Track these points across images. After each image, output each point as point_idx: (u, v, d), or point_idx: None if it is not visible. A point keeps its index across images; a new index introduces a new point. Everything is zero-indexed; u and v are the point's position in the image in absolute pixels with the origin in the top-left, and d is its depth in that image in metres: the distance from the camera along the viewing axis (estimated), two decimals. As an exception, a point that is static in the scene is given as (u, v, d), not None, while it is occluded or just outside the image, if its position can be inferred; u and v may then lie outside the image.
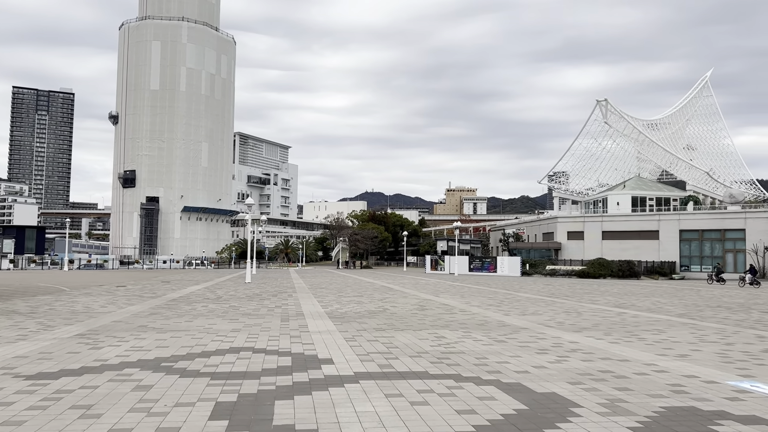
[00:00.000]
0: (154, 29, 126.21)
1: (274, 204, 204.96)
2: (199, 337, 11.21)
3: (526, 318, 16.13)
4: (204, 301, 20.26)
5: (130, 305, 18.06)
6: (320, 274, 54.13)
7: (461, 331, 13.00)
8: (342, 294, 25.09)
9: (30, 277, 40.70)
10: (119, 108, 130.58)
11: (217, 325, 13.18)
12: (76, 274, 49.08)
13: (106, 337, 11.04)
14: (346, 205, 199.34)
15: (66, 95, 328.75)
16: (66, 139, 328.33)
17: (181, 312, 16.10)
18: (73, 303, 18.58)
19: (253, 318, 14.86)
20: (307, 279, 41.94)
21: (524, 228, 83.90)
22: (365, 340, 11.24)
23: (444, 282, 39.97)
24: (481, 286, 34.25)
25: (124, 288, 27.35)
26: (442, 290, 29.33)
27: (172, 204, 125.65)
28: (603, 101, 75.01)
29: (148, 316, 14.85)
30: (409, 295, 25.20)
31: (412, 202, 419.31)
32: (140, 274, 49.71)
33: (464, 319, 15.61)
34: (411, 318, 15.56)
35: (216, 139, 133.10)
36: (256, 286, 31.04)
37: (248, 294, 24.14)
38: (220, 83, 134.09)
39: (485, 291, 29.31)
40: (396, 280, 42.98)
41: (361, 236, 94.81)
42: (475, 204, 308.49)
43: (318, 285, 32.86)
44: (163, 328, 12.62)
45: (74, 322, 13.49)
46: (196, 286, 30.59)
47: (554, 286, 36.27)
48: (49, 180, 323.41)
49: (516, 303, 21.61)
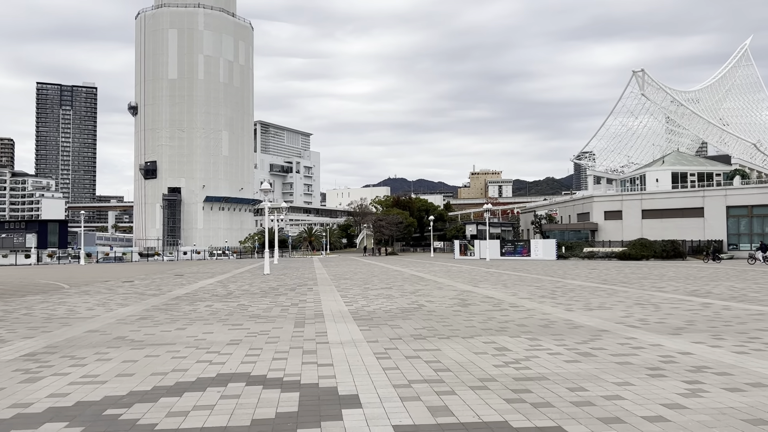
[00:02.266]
0: (171, 17, 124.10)
1: (297, 192, 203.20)
2: (183, 356, 8.45)
3: (596, 314, 13.10)
4: (211, 298, 17.61)
5: (123, 306, 15.46)
6: (344, 263, 51.48)
7: (524, 337, 10.05)
8: (368, 286, 22.28)
9: (40, 272, 38.73)
10: (138, 99, 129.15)
11: (212, 335, 10.42)
12: (91, 268, 47.20)
13: (60, 358, 8.34)
14: (370, 191, 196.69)
15: (89, 89, 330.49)
16: (90, 134, 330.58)
17: (176, 315, 13.42)
18: (60, 305, 16.06)
19: (261, 322, 12.09)
20: (330, 268, 39.26)
21: (557, 209, 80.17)
22: (402, 356, 8.36)
23: (478, 268, 36.93)
24: (521, 273, 31.16)
25: (129, 284, 24.91)
26: (479, 279, 26.33)
27: (194, 194, 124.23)
28: (640, 72, 70.62)
29: (134, 322, 12.19)
30: (444, 285, 22.27)
31: (435, 187, 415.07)
32: (156, 267, 47.62)
33: (520, 318, 12.64)
34: (454, 318, 12.65)
35: (236, 128, 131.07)
36: (274, 278, 28.41)
37: (263, 288, 21.46)
38: (239, 70, 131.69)
39: (528, 278, 26.23)
40: (425, 267, 40.07)
41: (385, 222, 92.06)
42: (501, 187, 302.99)
43: (342, 275, 30.12)
44: (143, 341, 9.90)
45: (39, 333, 10.86)
46: (209, 279, 28.09)
47: (600, 270, 33.00)
48: (75, 174, 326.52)
49: (571, 293, 18.55)
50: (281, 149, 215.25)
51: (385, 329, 10.99)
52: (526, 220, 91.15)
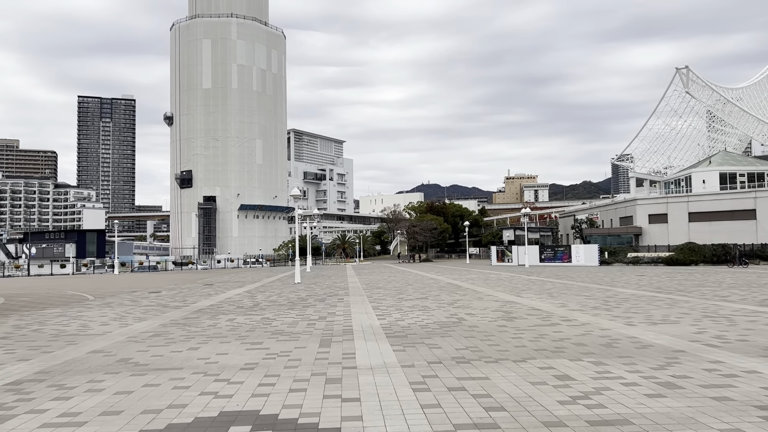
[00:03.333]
0: (204, 27, 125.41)
1: (330, 199, 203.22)
2: (185, 386, 7.23)
3: (662, 330, 11.47)
4: (235, 311, 16.49)
5: (140, 321, 14.44)
6: (378, 270, 50.20)
7: (587, 360, 8.54)
8: (402, 296, 20.91)
9: (72, 282, 38.48)
10: (174, 109, 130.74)
11: (226, 357, 9.20)
12: (123, 277, 46.99)
13: (46, 388, 7.21)
14: (403, 197, 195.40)
15: (128, 102, 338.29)
16: (129, 145, 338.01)
17: (193, 331, 12.29)
18: (74, 320, 15.13)
19: (283, 340, 10.84)
20: (363, 276, 38.01)
21: (598, 213, 77.45)
22: (444, 387, 6.97)
23: (518, 276, 35.19)
24: (565, 280, 29.36)
25: (155, 295, 24.07)
26: (521, 287, 24.69)
27: (229, 203, 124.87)
28: (683, 69, 67.75)
29: (146, 340, 11.08)
30: (483, 295, 20.74)
31: (469, 192, 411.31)
32: (189, 276, 47.14)
33: (576, 334, 11.09)
34: (500, 335, 11.18)
35: (270, 136, 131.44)
36: (304, 287, 27.27)
37: (291, 299, 20.29)
38: (272, 79, 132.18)
39: (574, 287, 24.47)
40: (462, 275, 38.49)
41: (419, 228, 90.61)
42: (537, 191, 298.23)
43: (374, 284, 28.81)
44: (148, 364, 8.73)
45: (38, 354, 9.81)
46: (238, 289, 27.11)
47: (650, 277, 30.94)
48: (115, 185, 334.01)
49: (626, 304, 16.84)
50: (315, 157, 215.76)
51: (422, 349, 9.61)
52: (566, 225, 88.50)
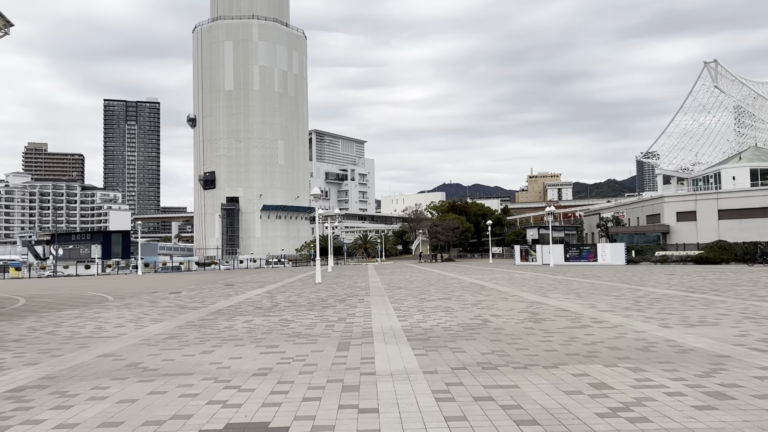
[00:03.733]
0: (226, 29, 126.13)
1: (352, 199, 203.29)
2: (193, 393, 6.80)
3: (701, 332, 10.76)
4: (253, 312, 16.12)
5: (156, 323, 14.12)
6: (399, 270, 49.67)
7: (623, 366, 7.93)
8: (424, 296, 20.36)
9: (94, 283, 38.63)
10: (196, 111, 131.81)
11: (239, 362, 8.77)
12: (146, 278, 47.16)
13: (48, 396, 6.85)
14: (424, 197, 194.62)
15: (152, 105, 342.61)
16: (154, 147, 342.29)
17: (209, 334, 11.91)
18: (91, 321, 14.89)
19: (300, 343, 10.39)
20: (384, 276, 37.52)
21: (624, 211, 75.90)
22: (469, 396, 6.43)
23: (543, 275, 34.38)
24: (592, 280, 28.52)
25: (175, 295, 23.86)
26: (546, 287, 23.97)
27: (252, 203, 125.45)
28: (712, 63, 66.01)
29: (159, 343, 10.72)
30: (509, 296, 20.09)
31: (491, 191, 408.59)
32: (211, 276, 47.13)
33: (609, 337, 10.45)
34: (528, 338, 10.58)
35: (291, 137, 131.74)
36: (325, 287, 26.87)
37: (311, 300, 19.87)
38: (293, 79, 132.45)
39: (602, 287, 23.67)
40: (485, 274, 37.78)
41: (441, 228, 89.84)
42: (560, 189, 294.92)
43: (396, 284, 28.29)
44: (157, 369, 8.34)
45: (47, 358, 9.50)
46: (259, 289, 26.82)
47: (681, 276, 29.92)
48: (140, 187, 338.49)
49: (659, 304, 16.08)
50: (336, 157, 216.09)
51: (446, 354, 9.07)
52: (591, 224, 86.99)
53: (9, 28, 20.48)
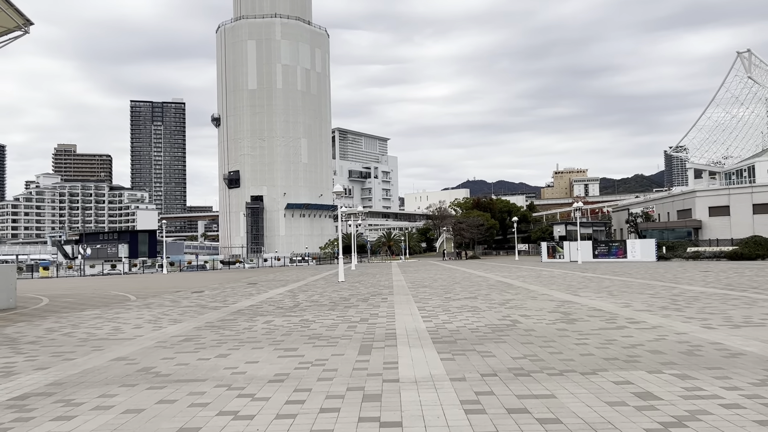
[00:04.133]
0: (249, 28, 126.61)
1: (375, 197, 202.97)
2: (204, 402, 6.36)
3: (749, 334, 10.01)
4: (274, 312, 15.72)
5: (175, 323, 13.79)
6: (424, 268, 49.07)
7: (668, 372, 7.28)
8: (450, 295, 19.76)
9: (119, 282, 38.80)
10: (221, 110, 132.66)
11: (256, 366, 8.32)
12: (171, 277, 47.34)
13: (51, 405, 6.47)
14: (448, 194, 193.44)
15: (178, 105, 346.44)
16: (180, 147, 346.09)
17: (227, 335, 11.50)
18: (109, 322, 14.64)
19: (320, 346, 9.91)
20: (408, 274, 36.98)
21: (653, 206, 74.15)
22: (502, 408, 5.87)
23: (572, 273, 33.50)
24: (623, 277, 27.60)
25: (197, 295, 23.64)
26: (576, 285, 23.17)
27: (276, 202, 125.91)
28: (745, 53, 64.01)
29: (175, 346, 10.34)
30: (537, 294, 19.40)
31: (516, 188, 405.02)
32: (234, 275, 47.10)
33: (649, 340, 9.77)
34: (561, 340, 9.95)
35: (314, 135, 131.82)
36: (348, 286, 26.43)
37: (333, 299, 19.43)
38: (315, 78, 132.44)
39: (635, 284, 22.81)
40: (511, 272, 36.99)
41: (465, 225, 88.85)
42: (587, 185, 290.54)
43: (420, 282, 27.73)
44: (170, 374, 7.93)
45: (59, 361, 9.17)
46: (281, 288, 26.49)
47: (716, 273, 28.83)
48: (167, 186, 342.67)
49: (697, 303, 15.27)
50: (359, 155, 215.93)
51: (474, 358, 8.50)
52: (619, 219, 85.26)
53: (29, 27, 20.40)
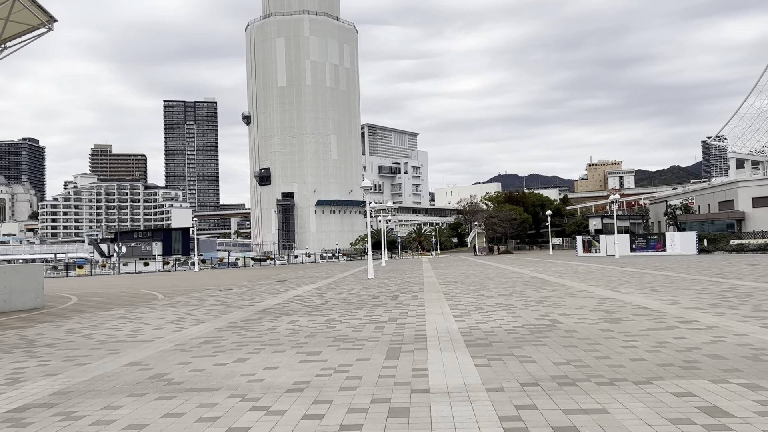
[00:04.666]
0: (278, 25, 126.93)
1: (405, 192, 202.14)
2: (214, 416, 5.77)
3: (820, 336, 9.02)
4: (300, 311, 15.16)
5: (198, 324, 13.34)
6: (455, 263, 48.20)
7: (735, 381, 6.42)
8: (483, 292, 18.95)
9: (149, 280, 38.94)
10: (251, 108, 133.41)
11: (275, 373, 7.72)
12: (202, 275, 47.46)
13: (51, 418, 5.96)
14: (479, 188, 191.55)
15: (210, 104, 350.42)
16: (212, 146, 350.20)
17: (249, 337, 10.96)
18: (132, 322, 14.28)
19: (344, 349, 9.27)
20: (440, 270, 36.19)
21: (693, 198, 71.76)
22: (549, 428, 5.12)
23: (610, 268, 32.27)
24: (665, 272, 26.35)
25: (225, 292, 23.30)
26: (617, 281, 22.10)
27: (306, 198, 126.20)
28: (790, 36, 61.06)
29: (193, 349, 9.83)
30: (576, 291, 18.45)
31: (549, 181, 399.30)
32: (265, 272, 46.95)
33: (705, 342, 8.86)
34: (607, 342, 9.12)
35: (344, 131, 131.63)
36: (377, 282, 25.80)
37: (362, 296, 18.81)
38: (344, 73, 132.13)
39: (679, 279, 21.64)
40: (546, 267, 35.90)
41: (497, 219, 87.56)
42: (621, 177, 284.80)
43: (452, 278, 26.94)
44: (183, 382, 7.38)
45: (71, 366, 8.73)
46: (310, 285, 26.01)
47: (765, 267, 27.34)
48: (200, 185, 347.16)
49: (751, 299, 14.18)
50: (389, 151, 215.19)
51: (512, 364, 7.75)
52: (657, 212, 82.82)
53: (53, 24, 20.23)
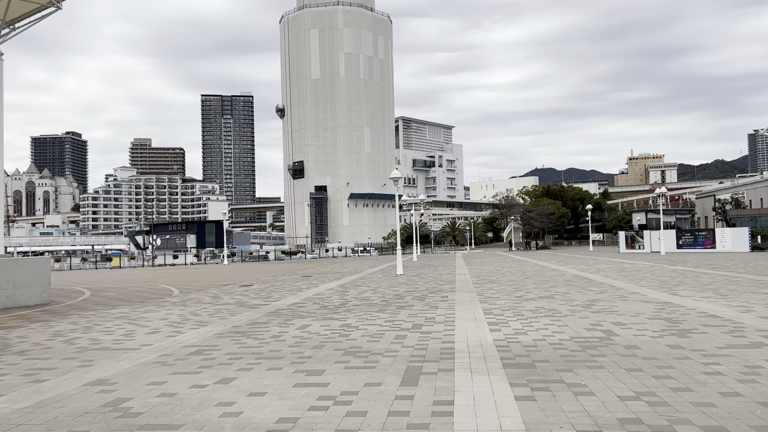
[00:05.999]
0: (312, 17, 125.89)
1: (440, 186, 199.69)
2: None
3: None
4: (315, 313, 13.59)
5: (198, 327, 11.89)
6: (490, 259, 46.13)
7: None
8: (521, 293, 17.06)
9: (171, 274, 38.06)
10: (285, 101, 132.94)
11: (259, 401, 6.12)
12: (229, 268, 46.54)
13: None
14: (516, 182, 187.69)
15: (246, 98, 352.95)
16: (249, 140, 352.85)
17: (247, 347, 9.41)
18: (129, 323, 12.93)
19: (353, 367, 7.62)
20: (473, 267, 34.28)
21: (743, 192, 67.92)
22: None
23: (658, 265, 29.87)
24: (722, 271, 23.95)
25: (244, 288, 21.95)
26: (670, 281, 19.91)
27: (339, 192, 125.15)
28: None
29: (178, 361, 8.33)
30: (627, 293, 16.41)
31: (587, 175, 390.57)
32: (293, 266, 45.74)
33: (813, 369, 6.90)
34: (681, 366, 7.24)
35: (377, 124, 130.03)
36: (405, 280, 24.11)
37: (387, 296, 17.14)
38: (378, 65, 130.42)
39: (741, 280, 19.34)
40: (588, 264, 33.64)
41: (535, 213, 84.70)
42: (663, 171, 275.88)
43: (486, 276, 25.05)
44: (143, 413, 5.84)
45: (23, 385, 7.31)
46: (334, 282, 24.50)
47: (837, 268, 24.67)
48: (236, 178, 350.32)
49: (843, 309, 12.00)
50: (423, 144, 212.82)
51: (563, 397, 5.97)
52: (703, 207, 78.91)
53: (61, 3, 19.06)
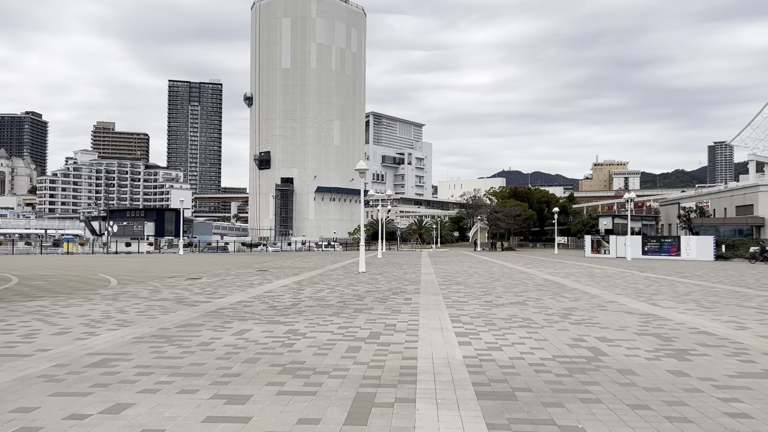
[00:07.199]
0: (284, 5, 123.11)
1: (408, 184, 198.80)
2: None
3: None
4: (260, 315, 11.96)
5: (119, 328, 10.13)
6: (456, 259, 44.97)
7: None
8: (491, 297, 15.69)
9: (117, 263, 35.74)
10: (253, 90, 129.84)
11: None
12: (183, 259, 44.32)
13: None
14: (483, 182, 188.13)
15: (215, 86, 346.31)
16: (216, 128, 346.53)
17: (166, 356, 7.74)
18: (38, 320, 11.09)
19: (288, 392, 6.05)
20: (439, 266, 32.96)
21: (708, 201, 68.38)
22: None
23: (628, 272, 29.00)
24: (694, 279, 23.08)
25: (190, 282, 20.12)
26: (645, 289, 18.84)
27: (306, 185, 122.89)
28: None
29: (71, 375, 6.63)
30: (604, 302, 15.18)
31: (553, 179, 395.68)
32: (251, 259, 43.78)
33: None
34: (694, 402, 5.87)
35: (347, 117, 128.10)
36: (368, 278, 22.58)
37: (345, 296, 15.58)
38: (351, 58, 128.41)
39: (720, 291, 18.36)
40: (556, 267, 32.65)
41: (501, 214, 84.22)
42: (627, 178, 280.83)
43: (453, 277, 23.70)
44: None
45: None
46: (292, 277, 22.83)
47: (809, 281, 24.05)
48: (202, 167, 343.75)
49: (842, 328, 10.92)
50: (393, 141, 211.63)
51: (556, 448, 4.51)
52: (667, 214, 79.47)
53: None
